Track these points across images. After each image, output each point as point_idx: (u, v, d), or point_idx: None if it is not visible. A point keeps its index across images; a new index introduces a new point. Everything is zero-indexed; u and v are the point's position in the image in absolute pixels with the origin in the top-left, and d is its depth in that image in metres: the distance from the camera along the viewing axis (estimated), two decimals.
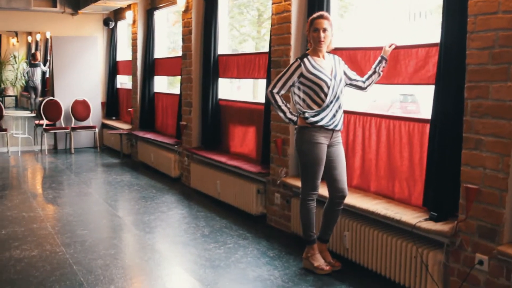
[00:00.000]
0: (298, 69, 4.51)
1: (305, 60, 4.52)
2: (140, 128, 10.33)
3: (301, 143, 4.60)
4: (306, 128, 4.53)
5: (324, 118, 4.49)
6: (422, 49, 4.41)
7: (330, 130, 4.57)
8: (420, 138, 4.46)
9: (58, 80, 11.89)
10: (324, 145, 4.55)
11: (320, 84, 4.46)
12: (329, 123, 4.51)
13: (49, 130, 11.53)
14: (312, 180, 4.60)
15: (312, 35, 4.54)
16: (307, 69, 4.48)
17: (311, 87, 4.49)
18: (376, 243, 4.49)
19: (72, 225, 6.10)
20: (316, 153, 4.53)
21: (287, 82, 4.56)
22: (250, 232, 5.84)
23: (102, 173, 9.34)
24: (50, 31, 11.96)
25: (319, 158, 4.55)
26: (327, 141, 4.57)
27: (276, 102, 4.59)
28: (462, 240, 3.83)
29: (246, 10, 19.27)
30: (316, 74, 4.47)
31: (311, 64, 4.51)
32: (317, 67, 4.51)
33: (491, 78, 3.58)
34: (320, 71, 4.50)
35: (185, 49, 8.17)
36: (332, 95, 4.49)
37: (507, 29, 3.47)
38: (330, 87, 4.48)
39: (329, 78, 4.50)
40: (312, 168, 4.57)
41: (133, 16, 10.44)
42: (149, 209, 6.81)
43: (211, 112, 7.61)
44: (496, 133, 3.56)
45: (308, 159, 4.57)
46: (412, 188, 4.57)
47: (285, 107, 4.58)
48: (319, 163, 4.56)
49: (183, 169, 8.37)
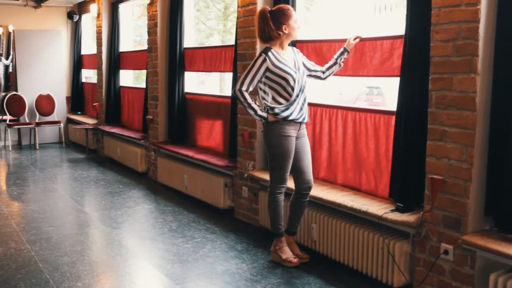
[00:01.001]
0: (264, 64, 4.46)
1: (270, 54, 4.48)
2: (106, 123, 10.22)
3: (270, 136, 4.57)
4: (275, 121, 4.52)
5: (294, 112, 4.49)
6: (387, 41, 4.44)
7: (298, 123, 4.57)
8: (386, 130, 4.49)
9: (22, 74, 11.69)
10: (293, 138, 4.55)
11: (287, 78, 4.44)
12: (298, 116, 4.51)
13: (13, 126, 11.33)
14: (281, 173, 4.60)
15: (293, 27, 4.49)
16: (273, 63, 4.45)
17: (277, 82, 4.46)
18: (343, 235, 4.52)
19: (37, 222, 6.01)
20: (285, 145, 4.52)
21: (254, 78, 4.49)
22: (218, 226, 5.82)
23: (68, 169, 9.21)
24: (13, 25, 11.71)
25: (289, 150, 4.54)
26: (295, 133, 4.57)
27: (246, 100, 4.50)
28: (428, 230, 3.88)
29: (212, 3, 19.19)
30: (281, 68, 4.45)
31: (276, 58, 4.47)
32: (281, 61, 4.48)
33: (454, 70, 3.62)
34: (285, 64, 4.48)
35: (150, 43, 8.09)
36: (298, 87, 4.49)
37: (470, 22, 3.51)
38: (295, 80, 4.46)
39: (293, 70, 4.49)
40: (281, 161, 4.56)
41: (98, 9, 10.31)
42: (116, 205, 6.74)
43: (178, 106, 7.56)
44: (460, 124, 3.60)
45: (278, 152, 4.55)
46: (378, 180, 4.61)
47: (255, 105, 4.52)
48: (288, 156, 4.55)
49: (150, 163, 8.30)
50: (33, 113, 11.63)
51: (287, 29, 4.50)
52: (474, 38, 3.49)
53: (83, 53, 12.16)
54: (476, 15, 3.47)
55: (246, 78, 4.51)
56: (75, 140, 11.84)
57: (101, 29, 10.22)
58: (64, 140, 11.87)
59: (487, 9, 3.49)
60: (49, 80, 11.89)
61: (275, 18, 4.49)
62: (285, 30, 4.50)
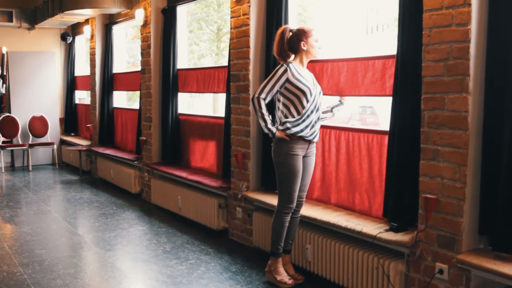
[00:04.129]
0: (285, 74, 4.49)
1: (291, 66, 4.52)
2: (100, 144, 10.20)
3: (278, 155, 4.58)
4: (284, 139, 4.53)
5: (305, 129, 4.49)
6: (378, 61, 4.47)
7: (307, 142, 4.58)
8: (379, 149, 4.50)
9: (15, 96, 11.68)
10: (300, 157, 4.56)
11: (304, 91, 4.46)
12: (308, 134, 4.52)
13: (6, 147, 11.29)
14: (289, 192, 4.57)
15: (312, 44, 4.56)
16: (293, 74, 4.49)
17: (295, 93, 4.48)
18: (338, 255, 4.50)
19: (30, 244, 5.96)
20: (293, 164, 4.52)
21: (274, 87, 4.52)
22: (212, 247, 5.79)
23: (61, 191, 9.17)
24: (6, 46, 11.73)
25: (296, 169, 4.54)
26: (303, 152, 4.58)
27: (261, 109, 4.52)
28: (422, 249, 3.87)
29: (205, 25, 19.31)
30: (301, 80, 4.48)
31: (296, 71, 4.52)
32: (302, 74, 4.53)
33: (446, 89, 3.64)
34: (304, 78, 4.52)
35: (144, 64, 8.11)
36: (313, 104, 4.51)
37: (460, 42, 3.54)
38: (312, 95, 4.50)
39: (312, 87, 4.53)
40: (289, 180, 4.55)
41: (91, 30, 10.34)
42: (109, 226, 6.71)
43: (171, 126, 7.57)
44: (453, 144, 3.61)
45: (285, 171, 4.56)
46: (372, 200, 4.61)
47: (268, 117, 4.54)
48: (296, 175, 4.55)
49: (144, 184, 8.28)
50: (26, 134, 11.60)
51: (305, 46, 4.56)
52: (465, 57, 3.52)
53: (76, 74, 12.17)
54: (466, 35, 3.50)
55: (266, 86, 4.54)
56: (68, 161, 11.80)
57: (95, 50, 10.25)
58: (57, 161, 11.83)
59: (477, 29, 3.52)
60: (42, 101, 11.88)
61: (295, 35, 4.59)
62: (303, 47, 4.55)
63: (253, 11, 5.60)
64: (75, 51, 12.17)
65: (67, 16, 10.11)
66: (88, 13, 9.80)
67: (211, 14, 19.45)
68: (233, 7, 5.86)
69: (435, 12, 3.69)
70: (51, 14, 10.04)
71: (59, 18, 10.15)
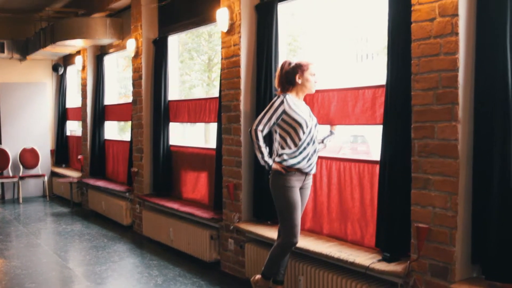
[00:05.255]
0: (282, 106, 4.49)
1: (288, 98, 4.53)
2: (91, 176, 10.15)
3: (275, 187, 4.56)
4: (280, 172, 4.51)
5: (302, 161, 4.48)
6: (368, 90, 4.49)
7: (304, 174, 4.56)
8: (371, 179, 4.49)
9: (6, 127, 11.64)
10: (297, 189, 4.54)
11: (301, 123, 4.46)
12: (305, 166, 4.51)
13: None
14: (291, 225, 4.50)
15: (307, 78, 4.56)
16: (290, 106, 4.49)
17: (292, 125, 4.48)
18: (331, 286, 4.46)
19: (20, 278, 5.88)
20: (291, 197, 4.49)
21: (271, 118, 4.52)
22: (204, 280, 5.73)
23: (52, 223, 9.08)
24: None
25: (294, 201, 4.50)
26: (300, 184, 4.56)
27: (258, 141, 4.51)
28: (415, 279, 3.83)
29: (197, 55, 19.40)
30: (297, 112, 4.49)
31: (293, 103, 4.53)
32: (298, 106, 4.54)
33: (436, 118, 3.65)
34: (300, 110, 4.53)
35: (135, 95, 8.12)
36: (309, 136, 4.51)
37: (449, 70, 3.56)
38: (308, 127, 4.50)
39: (308, 119, 4.53)
40: (288, 213, 4.51)
41: (83, 61, 10.37)
42: (100, 259, 6.63)
43: (163, 158, 7.54)
44: (443, 172, 3.61)
45: (283, 204, 4.53)
46: (364, 230, 4.58)
47: (264, 149, 4.53)
48: (294, 207, 4.50)
49: (135, 216, 8.22)
50: (16, 166, 11.54)
51: (300, 79, 4.56)
52: (453, 86, 3.54)
53: (68, 105, 12.16)
54: (455, 63, 3.53)
55: (263, 118, 4.54)
56: (59, 193, 11.72)
57: (86, 81, 10.27)
58: (48, 193, 11.76)
59: (465, 57, 3.55)
60: (33, 133, 11.84)
61: (292, 68, 4.58)
62: (298, 80, 4.56)
63: (243, 41, 5.64)
64: (66, 82, 12.19)
65: (59, 47, 10.15)
66: (80, 44, 9.83)
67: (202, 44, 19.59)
68: (223, 38, 5.89)
69: (423, 42, 3.72)
70: (43, 45, 10.08)
71: (50, 49, 10.18)
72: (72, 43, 9.58)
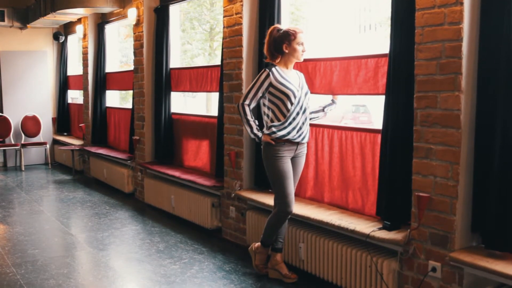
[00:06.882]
0: (267, 79, 4.50)
1: (273, 70, 4.53)
2: (92, 144, 10.18)
3: (266, 158, 4.62)
4: (270, 143, 4.54)
5: (291, 132, 4.51)
6: (371, 60, 4.47)
7: (295, 144, 4.58)
8: (372, 148, 4.51)
9: (7, 96, 11.64)
10: (288, 158, 4.58)
11: (288, 94, 4.47)
12: (295, 136, 4.53)
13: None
14: (283, 194, 4.55)
15: (294, 47, 4.53)
16: (276, 78, 4.49)
17: (279, 97, 4.49)
18: (331, 253, 4.51)
19: (22, 244, 5.94)
20: (280, 166, 4.54)
21: (258, 92, 4.54)
22: (206, 247, 5.79)
23: (54, 190, 9.14)
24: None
25: (284, 171, 4.55)
26: (291, 154, 4.59)
27: (246, 116, 4.56)
28: (415, 248, 3.88)
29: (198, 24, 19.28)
30: (284, 84, 4.49)
31: (280, 74, 4.52)
32: (285, 77, 4.53)
33: (439, 88, 3.65)
34: (288, 81, 4.52)
35: (137, 63, 8.10)
36: (299, 106, 4.51)
37: (453, 40, 3.55)
38: (296, 97, 4.50)
39: (296, 89, 4.52)
40: (279, 182, 4.56)
41: (84, 30, 10.31)
42: (102, 226, 6.69)
43: (164, 126, 7.55)
44: (445, 142, 3.62)
45: (274, 173, 4.58)
46: (365, 198, 4.61)
47: (253, 122, 4.58)
48: (284, 177, 4.55)
49: (137, 184, 8.26)
50: (18, 134, 11.57)
51: (287, 49, 4.54)
52: (457, 56, 3.53)
53: (69, 74, 12.13)
54: (459, 33, 3.51)
55: (249, 92, 4.57)
56: (61, 161, 11.77)
57: (87, 49, 10.22)
58: (50, 161, 11.80)
59: (470, 27, 3.53)
60: (35, 101, 11.84)
61: (280, 36, 4.55)
62: (285, 50, 4.54)
63: (245, 10, 5.60)
64: (67, 51, 12.13)
65: (59, 16, 10.06)
66: (81, 13, 9.77)
67: (204, 13, 19.45)
68: (225, 6, 5.85)
69: (427, 11, 3.70)
70: (43, 13, 9.99)
71: (51, 17, 10.10)
72: (72, 11, 9.50)
